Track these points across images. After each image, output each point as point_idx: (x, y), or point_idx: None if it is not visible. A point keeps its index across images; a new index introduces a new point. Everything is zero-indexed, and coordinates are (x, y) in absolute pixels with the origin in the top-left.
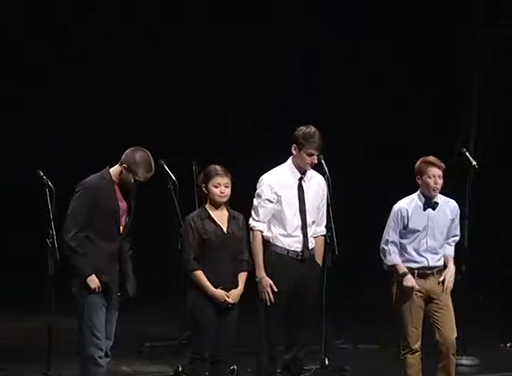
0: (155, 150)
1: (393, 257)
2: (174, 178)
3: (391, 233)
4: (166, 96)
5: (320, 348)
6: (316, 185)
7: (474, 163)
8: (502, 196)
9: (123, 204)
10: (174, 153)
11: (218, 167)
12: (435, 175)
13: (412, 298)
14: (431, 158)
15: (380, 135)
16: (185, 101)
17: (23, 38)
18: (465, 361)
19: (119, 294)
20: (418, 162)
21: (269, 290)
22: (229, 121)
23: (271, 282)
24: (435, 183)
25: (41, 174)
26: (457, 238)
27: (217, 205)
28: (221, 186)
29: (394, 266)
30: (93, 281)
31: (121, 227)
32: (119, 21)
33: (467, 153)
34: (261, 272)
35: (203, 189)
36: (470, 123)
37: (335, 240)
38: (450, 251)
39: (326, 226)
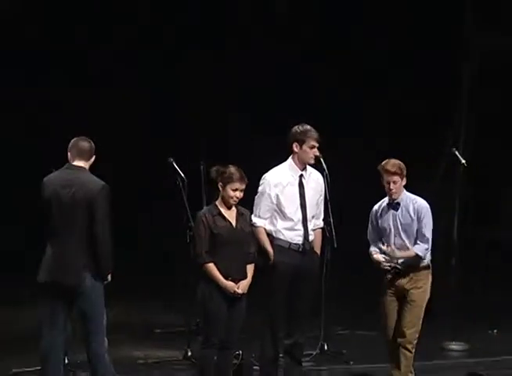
0: (156, 150)
1: (371, 249)
2: (182, 175)
3: (368, 231)
4: (166, 96)
5: (319, 334)
6: (315, 182)
7: (463, 161)
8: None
9: None
10: (174, 153)
11: (239, 173)
12: (388, 181)
13: (388, 295)
14: (385, 164)
15: (379, 135)
16: (185, 101)
17: (23, 38)
18: (455, 346)
19: None
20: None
21: None
22: (229, 121)
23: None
24: (389, 189)
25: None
26: (426, 243)
27: (228, 205)
28: (237, 191)
29: (372, 256)
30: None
31: None
32: (119, 21)
33: (457, 153)
34: (272, 256)
35: (220, 187)
36: (459, 123)
37: (334, 233)
38: (417, 247)
39: (325, 221)
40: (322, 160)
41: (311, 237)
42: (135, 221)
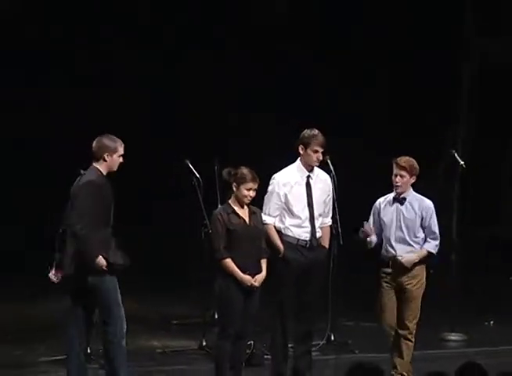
0: (156, 150)
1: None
2: (198, 175)
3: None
4: (166, 96)
5: (326, 325)
6: (322, 182)
7: (462, 162)
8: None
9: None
10: (173, 153)
11: (251, 173)
12: (396, 174)
13: (386, 288)
14: (398, 158)
15: (379, 135)
16: (185, 101)
17: (23, 38)
18: (454, 337)
19: None
20: None
21: None
22: (229, 121)
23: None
24: (395, 181)
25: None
26: (436, 240)
27: (242, 204)
28: (251, 191)
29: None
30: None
31: None
32: (119, 21)
33: (456, 154)
34: (282, 249)
35: (234, 187)
36: (457, 125)
37: (340, 231)
38: (428, 245)
39: (332, 219)
40: (329, 162)
41: (318, 234)
42: (135, 220)
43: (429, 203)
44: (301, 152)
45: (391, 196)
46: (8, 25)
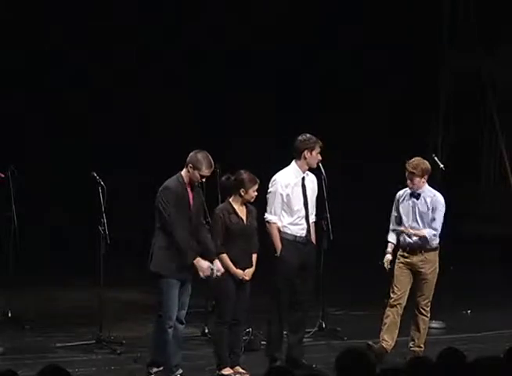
0: (155, 150)
1: (388, 235)
2: None
3: (392, 215)
4: (166, 96)
5: (318, 314)
6: (312, 183)
7: (442, 166)
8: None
9: (192, 199)
10: (173, 153)
11: (252, 175)
12: (407, 178)
13: (402, 267)
14: (408, 164)
15: (379, 135)
16: (185, 101)
17: (23, 38)
18: (435, 324)
19: None
20: None
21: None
22: (229, 121)
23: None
24: (408, 184)
25: (95, 175)
26: (436, 232)
27: (244, 203)
28: (255, 191)
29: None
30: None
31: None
32: (119, 21)
33: (436, 158)
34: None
35: (242, 192)
36: (438, 133)
37: (330, 227)
38: (427, 230)
39: (323, 217)
40: (320, 165)
41: (311, 230)
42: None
43: (440, 199)
44: (307, 156)
45: (409, 191)
46: (8, 25)
